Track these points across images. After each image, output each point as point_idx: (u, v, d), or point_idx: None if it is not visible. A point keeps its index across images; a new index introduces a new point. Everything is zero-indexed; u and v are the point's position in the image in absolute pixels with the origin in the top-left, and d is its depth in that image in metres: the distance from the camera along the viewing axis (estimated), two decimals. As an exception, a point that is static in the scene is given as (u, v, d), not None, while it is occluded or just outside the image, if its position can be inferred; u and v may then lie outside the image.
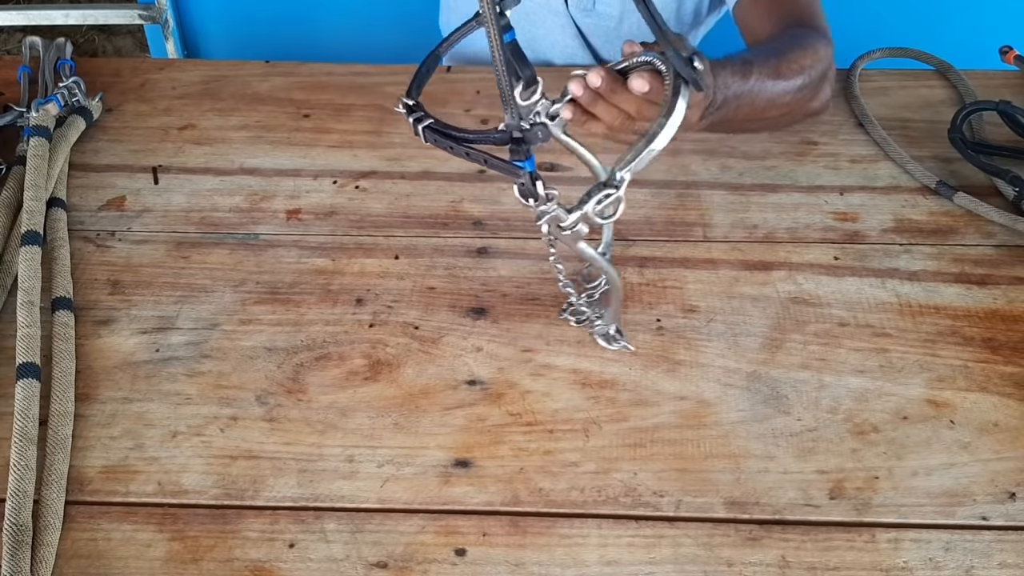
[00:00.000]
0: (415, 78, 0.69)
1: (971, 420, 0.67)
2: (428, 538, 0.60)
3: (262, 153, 0.89)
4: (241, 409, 0.67)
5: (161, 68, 1.01)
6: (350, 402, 0.68)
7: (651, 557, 0.59)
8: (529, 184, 0.59)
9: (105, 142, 0.91)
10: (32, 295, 0.71)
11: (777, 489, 0.63)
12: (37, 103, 0.86)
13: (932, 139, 0.91)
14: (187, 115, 0.94)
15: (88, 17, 1.63)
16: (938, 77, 1.00)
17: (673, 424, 0.67)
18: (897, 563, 0.59)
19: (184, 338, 0.72)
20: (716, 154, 0.90)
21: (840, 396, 0.68)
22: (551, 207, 0.60)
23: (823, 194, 0.86)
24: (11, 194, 0.80)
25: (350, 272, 0.78)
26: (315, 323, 0.73)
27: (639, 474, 0.64)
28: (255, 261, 0.79)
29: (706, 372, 0.70)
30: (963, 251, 0.80)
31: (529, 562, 0.59)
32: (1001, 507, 0.62)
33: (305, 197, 0.85)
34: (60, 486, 0.61)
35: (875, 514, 0.61)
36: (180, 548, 0.59)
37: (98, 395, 0.68)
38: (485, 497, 0.62)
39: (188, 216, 0.83)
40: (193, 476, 0.63)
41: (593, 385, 0.69)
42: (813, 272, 0.78)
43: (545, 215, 0.60)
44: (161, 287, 0.76)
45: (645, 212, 0.83)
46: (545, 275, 0.78)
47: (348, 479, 0.63)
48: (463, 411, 0.68)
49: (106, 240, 0.81)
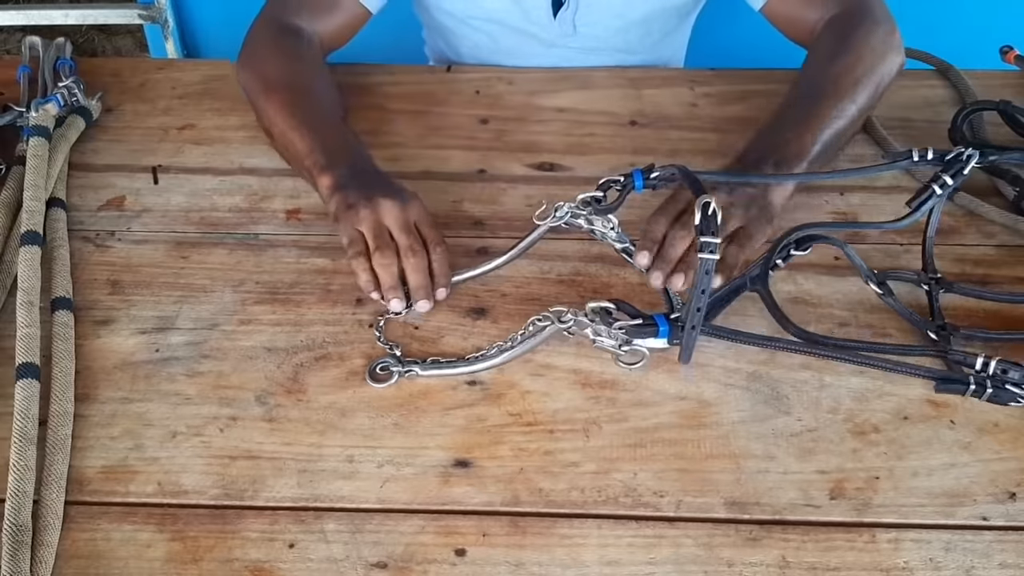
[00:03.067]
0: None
1: (971, 420, 0.67)
2: (428, 538, 0.60)
3: (262, 153, 0.89)
4: (241, 409, 0.67)
5: (161, 68, 1.01)
6: (350, 402, 0.68)
7: (651, 557, 0.59)
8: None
9: (105, 142, 0.91)
10: (32, 295, 0.71)
11: (777, 489, 0.63)
12: (37, 103, 0.86)
13: (932, 139, 0.90)
14: (187, 115, 0.94)
15: (88, 17, 1.63)
16: (938, 77, 1.00)
17: (673, 424, 0.67)
18: (897, 563, 0.59)
19: (184, 338, 0.72)
20: (716, 153, 0.90)
21: (840, 396, 0.68)
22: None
23: (823, 194, 0.86)
24: (11, 194, 0.80)
25: (350, 272, 0.77)
26: (315, 323, 0.73)
27: (639, 474, 0.64)
28: (255, 261, 0.79)
29: (706, 372, 0.70)
30: (964, 251, 0.80)
31: (529, 562, 0.59)
32: (1001, 507, 0.62)
33: (305, 197, 0.85)
34: (60, 486, 0.61)
35: (875, 514, 0.61)
36: (180, 548, 0.59)
37: (98, 395, 0.68)
38: (485, 497, 0.62)
39: (188, 216, 0.83)
40: (193, 476, 0.63)
41: (593, 385, 0.69)
42: (814, 272, 0.78)
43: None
44: (161, 287, 0.76)
45: (645, 212, 0.83)
46: (545, 275, 0.78)
47: (348, 479, 0.63)
48: (463, 411, 0.67)
49: (106, 240, 0.81)
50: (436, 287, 0.74)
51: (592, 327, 0.68)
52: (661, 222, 0.75)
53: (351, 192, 0.76)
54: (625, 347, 0.68)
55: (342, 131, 0.84)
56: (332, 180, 0.78)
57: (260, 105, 0.86)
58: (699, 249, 0.64)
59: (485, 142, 0.92)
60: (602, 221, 0.76)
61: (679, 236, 0.74)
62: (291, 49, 0.90)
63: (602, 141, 0.92)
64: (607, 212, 0.75)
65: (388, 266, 0.72)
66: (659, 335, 0.67)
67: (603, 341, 0.68)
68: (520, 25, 1.00)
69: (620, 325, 0.67)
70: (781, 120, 0.82)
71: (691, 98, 0.97)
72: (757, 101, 0.96)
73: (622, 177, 0.75)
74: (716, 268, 0.68)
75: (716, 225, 0.64)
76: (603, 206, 0.75)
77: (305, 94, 0.86)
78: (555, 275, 0.78)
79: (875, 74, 0.84)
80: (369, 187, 0.76)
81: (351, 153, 0.81)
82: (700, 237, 0.64)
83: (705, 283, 0.64)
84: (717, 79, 0.99)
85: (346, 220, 0.75)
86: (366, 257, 0.73)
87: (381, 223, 0.74)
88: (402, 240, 0.74)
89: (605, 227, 0.76)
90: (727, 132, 0.93)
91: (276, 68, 0.88)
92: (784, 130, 0.80)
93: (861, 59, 0.84)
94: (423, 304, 0.73)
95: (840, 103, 0.82)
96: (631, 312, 0.68)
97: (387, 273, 0.72)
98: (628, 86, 0.98)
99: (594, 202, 0.76)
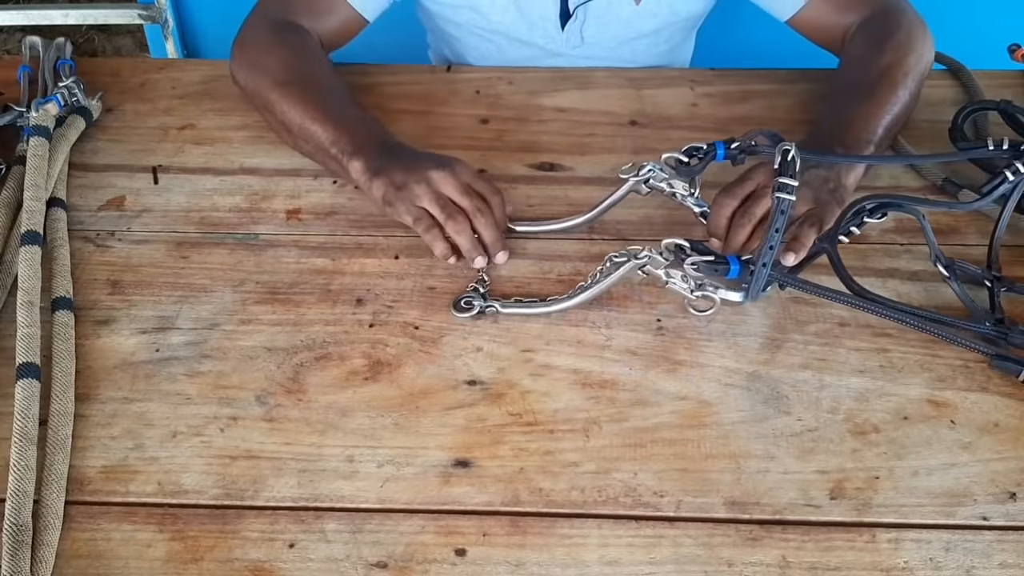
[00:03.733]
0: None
1: (972, 420, 0.67)
2: (428, 538, 0.60)
3: (262, 153, 0.89)
4: (241, 409, 0.67)
5: (161, 68, 1.01)
6: (350, 402, 0.68)
7: (651, 557, 0.59)
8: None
9: (105, 142, 0.91)
10: (32, 295, 0.71)
11: (777, 489, 0.63)
12: (37, 103, 0.86)
13: (933, 139, 0.90)
14: (187, 115, 0.94)
15: (88, 17, 1.63)
16: (940, 76, 1.00)
17: (673, 424, 0.67)
18: (897, 563, 0.59)
19: (184, 338, 0.72)
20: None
21: (840, 396, 0.68)
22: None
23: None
24: (11, 194, 0.80)
25: (350, 272, 0.78)
26: (315, 323, 0.73)
27: (639, 474, 0.64)
28: (255, 261, 0.79)
29: (706, 372, 0.70)
30: (964, 251, 0.80)
31: (529, 562, 0.59)
32: (1001, 507, 0.62)
33: (305, 197, 0.85)
34: (60, 486, 0.61)
35: (875, 514, 0.61)
36: (180, 548, 0.59)
37: (98, 395, 0.68)
38: (485, 497, 0.62)
39: (188, 216, 0.83)
40: (193, 476, 0.63)
41: (593, 385, 0.69)
42: (814, 272, 0.77)
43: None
44: (161, 287, 0.76)
45: (645, 212, 0.83)
46: (545, 275, 0.78)
47: (348, 479, 0.63)
48: (463, 411, 0.67)
49: (106, 240, 0.81)
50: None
51: (665, 268, 0.70)
52: (727, 206, 0.76)
53: (395, 173, 0.77)
54: (697, 293, 0.70)
55: (361, 114, 0.85)
56: (366, 164, 0.79)
57: (271, 102, 0.86)
58: (776, 189, 0.67)
59: (485, 142, 0.92)
60: (683, 185, 0.78)
61: (741, 225, 0.75)
62: (292, 42, 0.90)
63: (602, 141, 0.92)
64: (691, 175, 0.77)
65: (463, 231, 0.75)
66: (730, 274, 0.69)
67: (675, 284, 0.70)
68: (527, 37, 0.99)
69: (693, 261, 0.69)
70: (841, 109, 0.83)
71: (692, 98, 0.97)
72: (758, 101, 0.96)
73: (704, 145, 0.77)
74: (790, 246, 0.72)
75: (794, 169, 0.67)
76: (687, 168, 0.78)
77: (316, 84, 0.86)
78: (555, 275, 0.78)
79: (920, 67, 0.87)
80: (409, 164, 0.78)
81: (375, 134, 0.82)
82: (778, 178, 0.68)
83: (780, 222, 0.66)
84: (718, 79, 0.99)
85: (403, 200, 0.77)
86: (438, 228, 0.76)
87: (441, 193, 0.77)
88: (466, 204, 0.76)
89: (686, 191, 0.78)
90: (728, 132, 0.92)
91: (281, 62, 0.88)
92: (847, 116, 0.81)
93: (907, 54, 0.86)
94: (502, 255, 0.76)
95: (896, 91, 0.83)
96: (704, 250, 0.70)
97: (464, 238, 0.75)
98: (628, 86, 0.98)
99: (679, 164, 0.78)
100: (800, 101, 0.96)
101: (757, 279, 0.69)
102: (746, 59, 1.01)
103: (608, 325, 0.73)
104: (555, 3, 0.96)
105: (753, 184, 0.77)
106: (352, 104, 0.87)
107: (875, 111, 0.82)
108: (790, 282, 0.71)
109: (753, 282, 0.69)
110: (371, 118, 0.86)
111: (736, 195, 0.77)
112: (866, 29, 0.91)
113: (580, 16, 0.97)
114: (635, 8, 0.95)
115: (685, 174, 0.78)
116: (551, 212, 0.83)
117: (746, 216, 0.75)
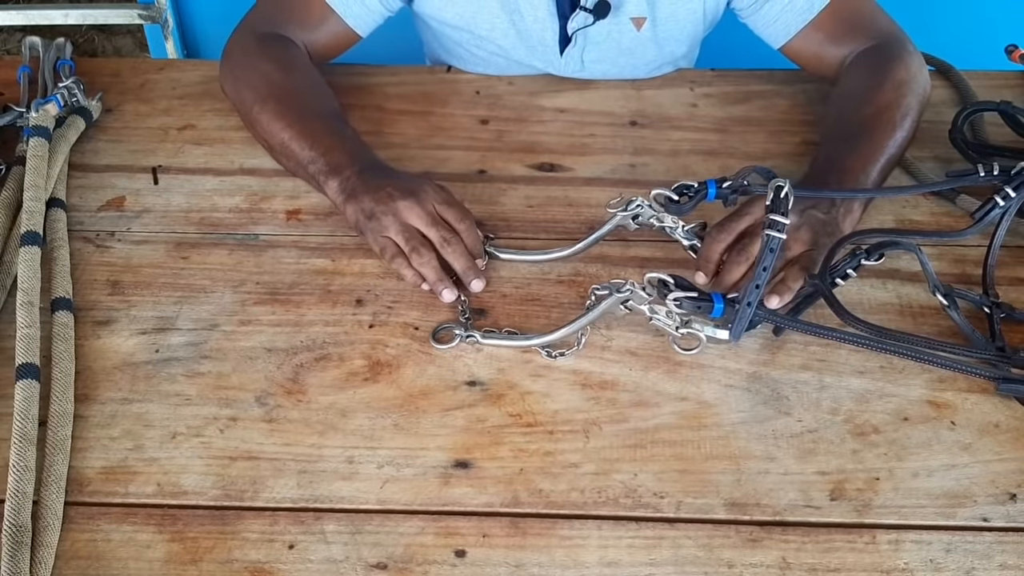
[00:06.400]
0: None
1: (972, 421, 0.67)
2: (428, 539, 0.60)
3: (262, 153, 0.89)
4: (241, 410, 0.67)
5: (161, 68, 1.01)
6: (350, 403, 0.68)
7: (651, 558, 0.59)
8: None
9: (105, 142, 0.91)
10: (32, 295, 0.71)
11: (777, 490, 0.63)
12: (37, 103, 0.86)
13: (933, 140, 0.90)
14: (187, 115, 0.94)
15: (88, 17, 1.63)
16: (938, 77, 1.00)
17: (673, 425, 0.67)
18: (898, 564, 0.59)
19: (184, 339, 0.72)
20: (717, 154, 0.90)
21: (841, 397, 0.68)
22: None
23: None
24: (11, 194, 0.80)
25: (350, 272, 0.78)
26: (315, 324, 0.73)
27: (639, 475, 0.64)
28: (255, 261, 0.79)
29: (706, 373, 0.70)
30: (964, 251, 0.80)
31: (529, 563, 0.59)
32: (1002, 508, 0.62)
33: (305, 197, 0.85)
34: (59, 487, 0.61)
35: (876, 515, 0.61)
36: (179, 549, 0.59)
37: (98, 396, 0.68)
38: (485, 498, 0.62)
39: (188, 216, 0.83)
40: (193, 477, 0.63)
41: (593, 386, 0.69)
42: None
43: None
44: (161, 287, 0.76)
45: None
46: (545, 275, 0.78)
47: (348, 480, 0.63)
48: (463, 412, 0.67)
49: (106, 240, 0.80)
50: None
51: (649, 304, 0.69)
52: (721, 241, 0.75)
53: (364, 199, 0.77)
54: (682, 330, 0.69)
55: (340, 132, 0.84)
56: (340, 186, 0.79)
57: (253, 117, 0.86)
58: (766, 226, 0.66)
59: (485, 143, 0.92)
60: (672, 218, 0.77)
61: (735, 263, 0.74)
62: (277, 56, 0.89)
63: (602, 142, 0.92)
64: (680, 214, 0.77)
65: (426, 263, 0.74)
66: (713, 313, 0.68)
67: (659, 320, 0.69)
68: (526, 60, 0.98)
69: (676, 297, 0.68)
70: (837, 152, 0.82)
71: (691, 98, 0.97)
72: (758, 102, 0.96)
73: (696, 184, 0.76)
74: (776, 289, 0.71)
75: (786, 206, 0.66)
76: (676, 207, 0.77)
77: (296, 100, 0.86)
78: (555, 275, 0.78)
79: (918, 104, 0.86)
80: (378, 192, 0.77)
81: (350, 154, 0.81)
82: (769, 215, 0.66)
83: (768, 260, 0.65)
84: (717, 79, 0.99)
85: (371, 231, 0.76)
86: (404, 258, 0.75)
87: (407, 224, 0.75)
88: (433, 235, 0.75)
89: (675, 224, 0.77)
90: (728, 133, 0.93)
91: (263, 77, 0.87)
92: (844, 161, 0.80)
93: (906, 94, 0.85)
94: (476, 284, 0.75)
95: (894, 133, 0.82)
96: (687, 286, 0.69)
97: (429, 270, 0.74)
98: (628, 86, 0.98)
99: (668, 202, 0.78)
100: (799, 101, 0.96)
101: (740, 318, 0.67)
102: (746, 59, 1.01)
103: (608, 326, 0.73)
104: (554, 28, 0.95)
105: (750, 219, 0.75)
106: (332, 120, 0.85)
107: (872, 155, 0.80)
108: (778, 321, 0.69)
109: (736, 321, 0.68)
110: (350, 135, 0.84)
111: (731, 231, 0.75)
112: (863, 61, 0.89)
113: (579, 41, 0.95)
114: (636, 34, 0.95)
115: (674, 212, 0.77)
116: (551, 213, 0.83)
117: (743, 254, 0.74)
